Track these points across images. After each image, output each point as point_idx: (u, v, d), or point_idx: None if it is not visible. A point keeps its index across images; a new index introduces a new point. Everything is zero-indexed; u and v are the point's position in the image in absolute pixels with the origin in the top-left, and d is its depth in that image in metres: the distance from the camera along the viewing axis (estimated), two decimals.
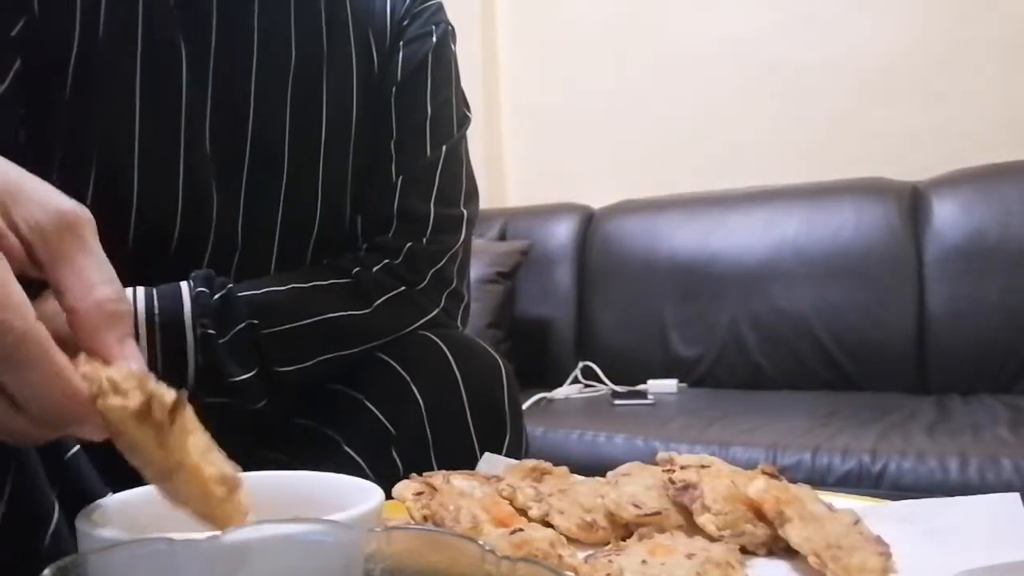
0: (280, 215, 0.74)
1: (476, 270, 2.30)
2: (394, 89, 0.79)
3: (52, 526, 0.47)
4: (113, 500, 0.40)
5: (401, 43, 0.80)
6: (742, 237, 2.26)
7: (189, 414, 0.34)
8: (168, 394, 0.34)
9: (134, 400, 0.33)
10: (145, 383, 0.33)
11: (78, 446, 0.52)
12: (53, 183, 0.64)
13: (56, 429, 0.33)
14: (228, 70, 0.71)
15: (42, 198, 0.35)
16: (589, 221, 2.57)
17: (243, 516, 0.34)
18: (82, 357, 0.34)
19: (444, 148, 0.80)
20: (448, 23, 0.84)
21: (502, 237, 2.62)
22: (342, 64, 0.77)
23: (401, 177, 0.78)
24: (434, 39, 0.81)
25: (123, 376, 0.33)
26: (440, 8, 0.83)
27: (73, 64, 0.64)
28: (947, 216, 2.06)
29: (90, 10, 0.65)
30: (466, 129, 0.84)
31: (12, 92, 0.61)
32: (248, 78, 0.72)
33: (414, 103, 0.80)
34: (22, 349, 0.31)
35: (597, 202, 2.61)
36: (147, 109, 0.67)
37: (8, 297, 0.31)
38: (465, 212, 0.82)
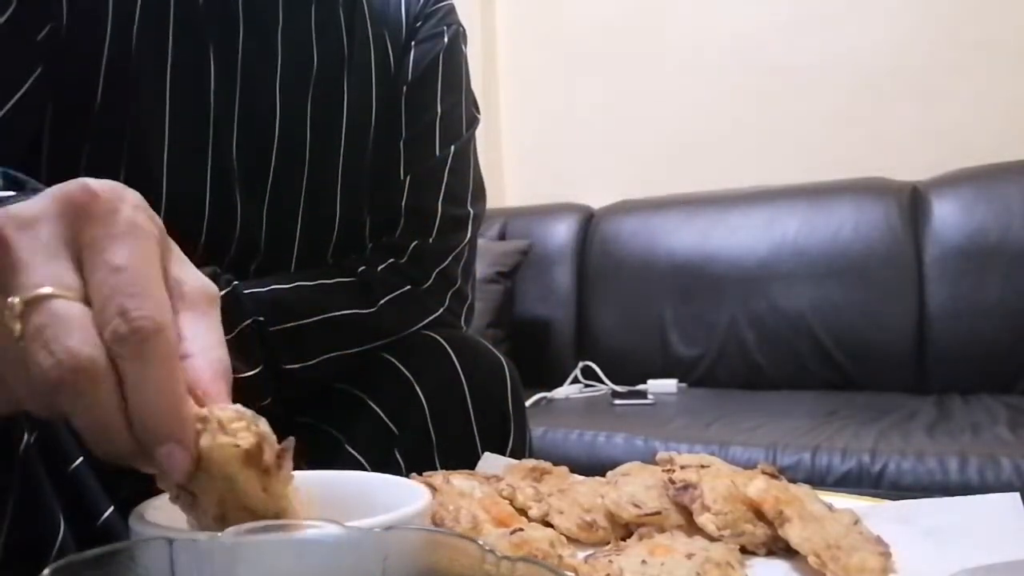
0: (300, 218, 0.75)
1: (476, 270, 2.29)
2: (405, 88, 0.80)
3: (58, 540, 0.47)
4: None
5: (413, 43, 0.81)
6: (742, 237, 2.26)
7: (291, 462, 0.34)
8: (275, 438, 0.33)
9: (246, 441, 0.32)
10: (253, 425, 0.33)
11: (81, 458, 0.52)
12: None
13: (149, 441, 0.31)
14: (254, 75, 0.71)
15: (196, 270, 0.36)
16: (589, 221, 2.57)
17: None
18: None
19: (453, 148, 0.81)
20: (460, 24, 0.84)
21: (502, 237, 2.62)
22: (362, 67, 0.78)
23: (409, 176, 0.79)
24: (446, 40, 0.82)
25: (232, 417, 0.32)
26: (452, 10, 0.84)
27: (104, 71, 0.64)
28: (947, 216, 2.06)
29: (123, 17, 0.65)
30: (475, 129, 0.85)
31: (33, 97, 0.61)
32: (273, 83, 0.72)
33: (424, 103, 0.80)
34: (153, 342, 0.31)
35: (597, 202, 2.61)
36: (176, 115, 0.67)
37: (156, 288, 0.32)
38: (472, 211, 0.82)
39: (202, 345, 0.34)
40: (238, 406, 0.33)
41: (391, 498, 0.39)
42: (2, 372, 0.32)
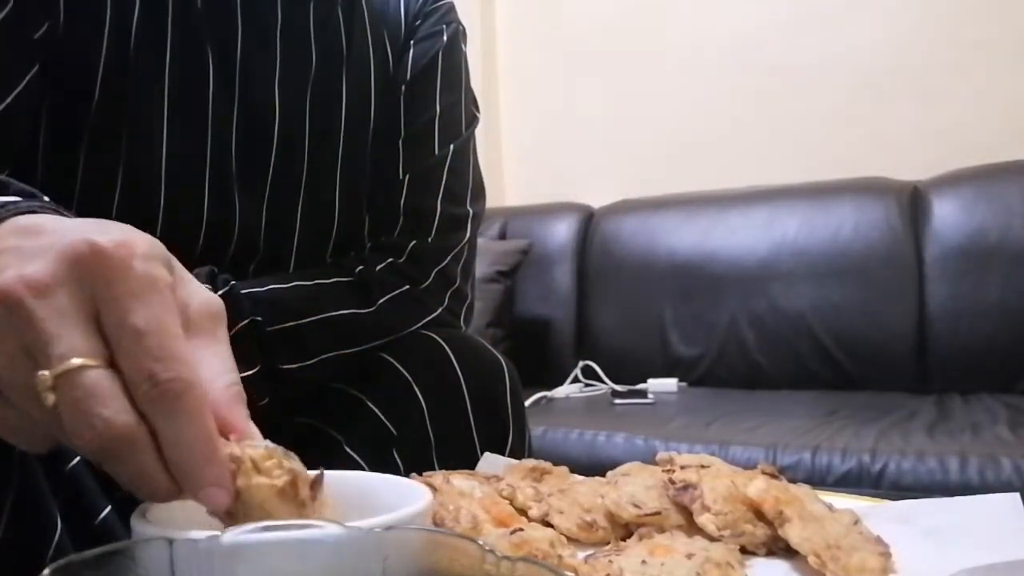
0: (299, 217, 0.75)
1: (476, 269, 2.29)
2: (404, 87, 0.79)
3: (55, 539, 0.47)
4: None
5: (412, 41, 0.80)
6: (742, 237, 2.26)
7: (326, 487, 0.36)
8: (307, 472, 0.35)
9: (280, 479, 0.34)
10: (285, 462, 0.34)
11: (79, 457, 0.52)
12: (76, 189, 0.63)
13: (189, 486, 0.33)
14: (253, 73, 0.71)
15: (198, 285, 0.37)
16: (589, 221, 2.57)
17: None
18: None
19: (452, 147, 0.81)
20: (459, 23, 0.84)
21: (502, 236, 2.62)
22: (360, 65, 0.78)
23: (408, 175, 0.79)
24: (445, 38, 0.81)
25: (263, 456, 0.34)
26: (452, 8, 0.84)
27: (102, 71, 0.64)
28: (947, 216, 2.06)
29: (121, 16, 0.64)
30: (474, 128, 0.85)
31: (29, 95, 0.60)
32: (272, 81, 0.72)
33: (423, 101, 0.80)
34: (185, 400, 0.32)
35: (597, 202, 2.61)
36: (174, 115, 0.67)
37: (180, 349, 0.33)
38: (471, 211, 0.82)
39: (213, 372, 0.35)
40: (267, 442, 0.35)
41: (392, 498, 0.39)
42: (41, 422, 0.33)
